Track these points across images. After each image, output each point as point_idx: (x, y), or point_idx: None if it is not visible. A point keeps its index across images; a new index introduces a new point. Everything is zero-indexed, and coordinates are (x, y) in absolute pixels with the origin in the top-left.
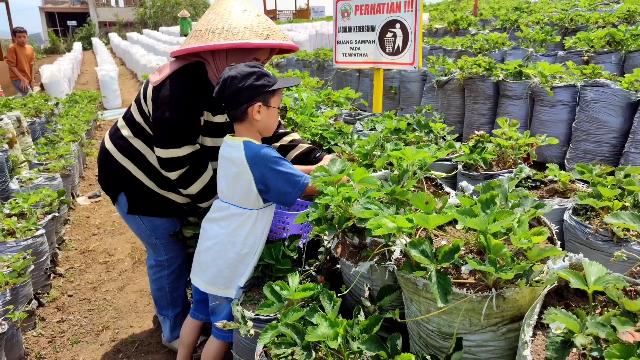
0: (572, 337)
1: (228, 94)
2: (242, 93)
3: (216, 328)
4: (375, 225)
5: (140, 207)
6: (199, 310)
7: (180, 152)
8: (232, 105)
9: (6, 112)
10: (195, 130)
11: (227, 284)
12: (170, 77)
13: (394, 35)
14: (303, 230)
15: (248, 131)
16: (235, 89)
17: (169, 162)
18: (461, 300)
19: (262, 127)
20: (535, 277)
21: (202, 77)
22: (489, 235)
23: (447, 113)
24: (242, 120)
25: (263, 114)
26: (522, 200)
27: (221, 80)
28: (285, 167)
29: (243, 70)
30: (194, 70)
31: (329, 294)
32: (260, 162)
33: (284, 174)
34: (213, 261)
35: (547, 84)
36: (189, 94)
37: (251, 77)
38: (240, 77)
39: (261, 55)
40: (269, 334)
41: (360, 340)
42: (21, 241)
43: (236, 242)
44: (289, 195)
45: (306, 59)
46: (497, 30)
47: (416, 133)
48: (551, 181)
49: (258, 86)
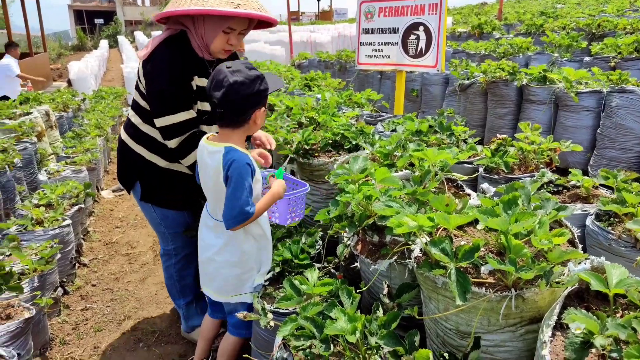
0: (591, 338)
1: (234, 100)
2: (250, 99)
3: (232, 325)
4: (396, 223)
5: (152, 197)
6: (215, 311)
7: (176, 118)
8: (239, 111)
9: (36, 106)
10: (187, 96)
11: (237, 289)
12: (155, 49)
13: (417, 38)
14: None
15: (239, 136)
16: (244, 95)
17: (168, 130)
18: (480, 300)
19: (254, 131)
20: (556, 278)
21: (186, 45)
22: (510, 235)
23: (469, 117)
24: (240, 125)
25: (262, 117)
26: (544, 203)
27: (225, 85)
28: (245, 189)
29: (249, 75)
30: (178, 40)
31: (348, 289)
32: (235, 169)
33: (238, 194)
34: (217, 272)
35: (572, 89)
36: (175, 62)
37: (257, 81)
38: (249, 82)
39: (237, 25)
40: (288, 326)
41: (379, 335)
42: (49, 230)
43: (234, 252)
44: (225, 216)
45: (328, 60)
46: (521, 35)
47: (437, 135)
48: (574, 186)
49: (263, 90)
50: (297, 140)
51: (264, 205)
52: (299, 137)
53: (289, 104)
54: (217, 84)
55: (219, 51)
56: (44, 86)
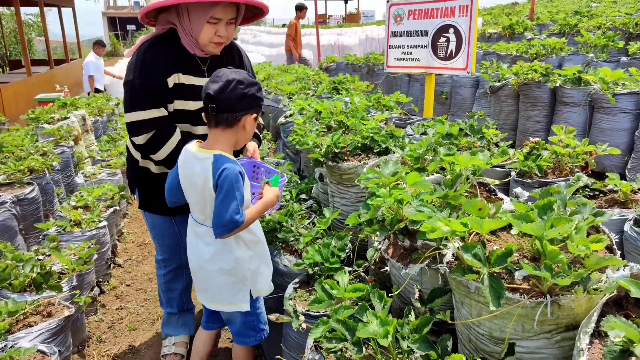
0: (631, 347)
1: (229, 96)
2: (244, 99)
3: (235, 335)
4: (430, 228)
5: (145, 203)
6: (211, 321)
7: (146, 114)
8: (230, 108)
9: (73, 111)
10: (159, 93)
11: (231, 300)
12: (139, 47)
13: (447, 40)
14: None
15: (228, 140)
16: (240, 94)
17: (135, 125)
18: (514, 305)
19: (243, 139)
20: (593, 285)
21: (171, 42)
22: (545, 241)
23: (500, 119)
24: (229, 126)
25: (251, 125)
26: (581, 208)
27: (222, 80)
28: (237, 196)
29: (248, 78)
30: (166, 38)
31: (380, 293)
32: (226, 178)
33: (228, 202)
34: (210, 280)
35: (608, 90)
36: (151, 56)
37: (254, 86)
38: (247, 83)
39: (222, 14)
40: (320, 328)
41: (411, 339)
42: (86, 231)
43: (227, 260)
44: (214, 224)
45: (356, 63)
46: (554, 35)
47: (468, 139)
48: (611, 191)
49: (259, 97)
50: (326, 144)
51: (255, 213)
52: (328, 140)
53: (318, 107)
54: (215, 79)
55: (208, 44)
56: (80, 91)
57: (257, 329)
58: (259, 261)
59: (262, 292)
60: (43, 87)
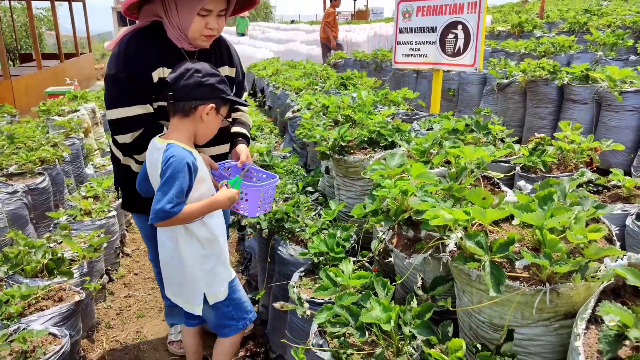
0: (626, 331)
1: (186, 84)
2: (200, 88)
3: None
4: (432, 215)
5: (127, 203)
6: (189, 317)
7: (130, 111)
8: (185, 96)
9: (83, 104)
10: (143, 88)
11: (187, 298)
12: (121, 38)
13: (456, 37)
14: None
15: (185, 129)
16: (196, 82)
17: (119, 123)
18: (514, 293)
19: (203, 132)
20: (591, 273)
21: (156, 34)
22: (545, 230)
23: (507, 116)
24: (186, 116)
25: (211, 117)
26: (582, 200)
27: (181, 68)
28: (175, 186)
29: (208, 69)
30: (149, 30)
31: (383, 281)
32: (170, 165)
33: (166, 189)
34: (171, 275)
35: (615, 88)
36: (135, 48)
37: (215, 77)
38: (205, 72)
39: (213, 5)
40: (324, 314)
41: (413, 325)
42: (96, 221)
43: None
44: (152, 210)
45: (364, 60)
46: (564, 33)
47: (474, 134)
48: (615, 186)
49: (218, 89)
50: (333, 137)
51: (197, 210)
52: (335, 134)
53: (325, 102)
54: (175, 68)
55: (198, 38)
56: (89, 85)
57: (236, 318)
58: (215, 261)
59: (218, 296)
60: (53, 81)
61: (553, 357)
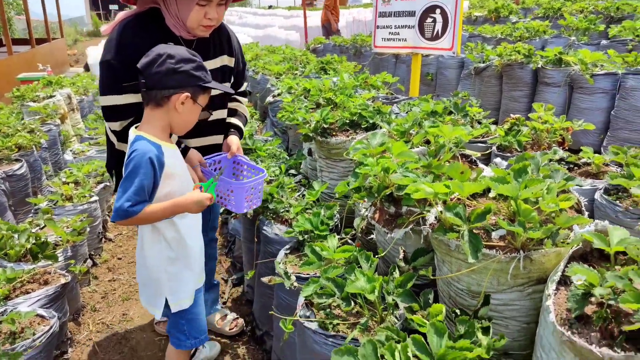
0: (591, 289)
1: (157, 71)
2: (173, 76)
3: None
4: (414, 189)
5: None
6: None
7: (122, 99)
8: (157, 84)
9: (58, 90)
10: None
11: (149, 300)
12: (118, 24)
13: (434, 21)
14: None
15: (158, 120)
16: (169, 69)
17: (110, 110)
18: (490, 260)
19: (179, 123)
20: (562, 239)
21: (154, 21)
22: (519, 200)
23: (484, 100)
24: (159, 105)
25: (187, 107)
26: (553, 174)
27: (153, 53)
28: (135, 182)
29: (183, 54)
30: (147, 17)
31: (367, 254)
32: (132, 160)
33: (126, 186)
34: (138, 273)
35: (587, 71)
36: (132, 34)
37: (190, 63)
38: (178, 58)
39: None
40: (311, 287)
41: (395, 294)
42: (78, 206)
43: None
44: (113, 207)
45: (343, 45)
46: (539, 19)
47: (452, 116)
48: (585, 164)
49: (194, 76)
50: (315, 120)
51: (160, 211)
52: (317, 116)
53: (307, 85)
54: (148, 54)
55: (196, 27)
56: (62, 71)
57: (187, 335)
58: (182, 266)
59: (182, 304)
60: (24, 67)
61: (527, 320)
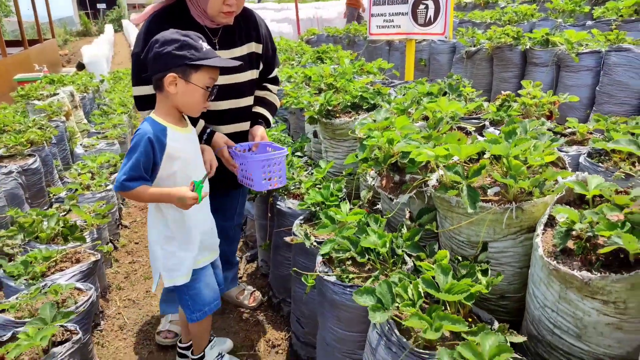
0: (572, 226)
1: (149, 58)
2: (160, 59)
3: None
4: (416, 154)
5: None
6: None
7: (149, 90)
8: (151, 70)
9: (61, 87)
10: None
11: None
12: (147, 17)
13: (426, 7)
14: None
15: (163, 103)
16: (155, 54)
17: (141, 100)
18: (486, 212)
19: (181, 103)
20: (548, 188)
21: (180, 12)
22: (510, 157)
23: (476, 82)
24: (159, 89)
25: (180, 88)
26: (540, 136)
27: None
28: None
29: (167, 36)
30: (174, 8)
31: (375, 216)
32: (134, 138)
33: (125, 161)
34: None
35: (572, 50)
36: (158, 27)
37: (172, 44)
38: (162, 41)
39: None
40: (328, 245)
41: (405, 246)
42: (96, 194)
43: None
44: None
45: (336, 35)
46: (526, 3)
47: (447, 96)
48: (571, 133)
49: (177, 56)
50: (319, 103)
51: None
52: (321, 99)
53: (308, 72)
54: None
55: (217, 14)
56: (55, 71)
57: (192, 309)
58: (177, 246)
59: (175, 281)
60: (19, 68)
61: (520, 265)
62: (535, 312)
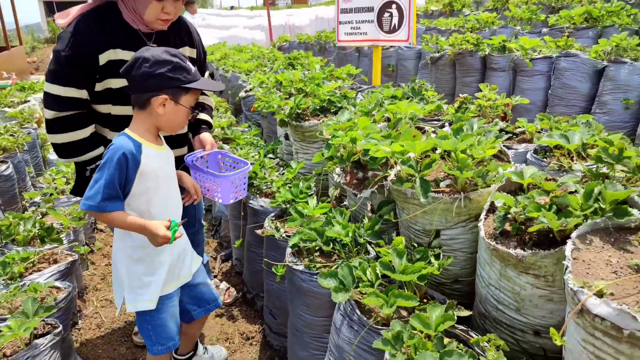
0: (508, 210)
1: (135, 75)
2: (150, 80)
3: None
4: (375, 150)
5: None
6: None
7: (63, 91)
8: (137, 88)
9: (32, 95)
10: (86, 71)
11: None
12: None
13: (391, 15)
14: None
15: (143, 121)
16: (144, 73)
17: (50, 98)
18: (438, 202)
19: (165, 123)
20: (491, 179)
21: (111, 14)
22: (458, 152)
23: (440, 87)
24: (142, 108)
25: (168, 109)
26: (486, 133)
27: (133, 58)
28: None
29: (159, 56)
30: (104, 9)
31: (340, 210)
32: (107, 153)
33: (97, 177)
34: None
35: (527, 56)
36: (86, 28)
37: (165, 65)
38: (153, 61)
39: None
40: (296, 237)
41: (366, 235)
42: (72, 198)
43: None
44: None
45: (308, 42)
46: (488, 11)
47: (410, 100)
48: (521, 132)
49: (170, 78)
50: (290, 106)
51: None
52: (291, 103)
53: (279, 77)
54: (132, 57)
55: (154, 21)
56: (23, 79)
57: (153, 341)
58: (144, 269)
59: (137, 306)
60: None
61: (470, 250)
62: (482, 290)
